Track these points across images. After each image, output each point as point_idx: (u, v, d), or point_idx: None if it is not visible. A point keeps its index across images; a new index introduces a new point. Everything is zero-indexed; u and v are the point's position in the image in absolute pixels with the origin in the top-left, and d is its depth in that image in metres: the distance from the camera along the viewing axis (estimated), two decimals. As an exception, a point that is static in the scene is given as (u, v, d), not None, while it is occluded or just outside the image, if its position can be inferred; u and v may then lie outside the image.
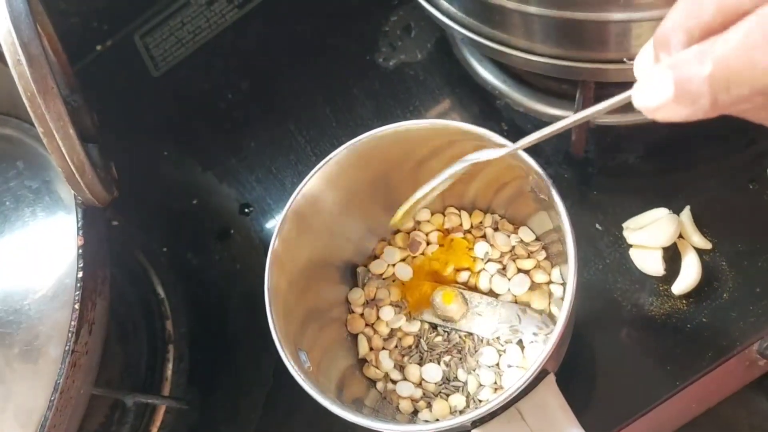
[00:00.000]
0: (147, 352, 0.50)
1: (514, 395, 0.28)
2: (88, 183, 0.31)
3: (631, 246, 0.42)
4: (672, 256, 0.42)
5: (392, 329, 0.38)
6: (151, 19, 0.63)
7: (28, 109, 0.28)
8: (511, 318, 0.36)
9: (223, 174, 0.55)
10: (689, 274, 0.41)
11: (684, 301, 0.41)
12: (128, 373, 0.49)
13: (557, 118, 0.47)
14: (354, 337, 0.39)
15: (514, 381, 0.34)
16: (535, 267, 0.37)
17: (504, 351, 0.36)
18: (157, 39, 0.62)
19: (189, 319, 0.51)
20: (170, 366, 0.49)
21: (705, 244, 0.42)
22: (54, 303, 0.41)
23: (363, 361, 0.38)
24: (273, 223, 0.52)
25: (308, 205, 0.35)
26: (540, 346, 0.35)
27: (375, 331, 0.39)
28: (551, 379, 0.28)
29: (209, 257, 0.53)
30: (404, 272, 0.39)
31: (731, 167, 0.44)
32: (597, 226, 0.44)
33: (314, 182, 0.35)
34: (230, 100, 0.57)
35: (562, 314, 0.27)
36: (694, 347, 0.40)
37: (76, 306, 0.32)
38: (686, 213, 0.42)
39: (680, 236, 0.42)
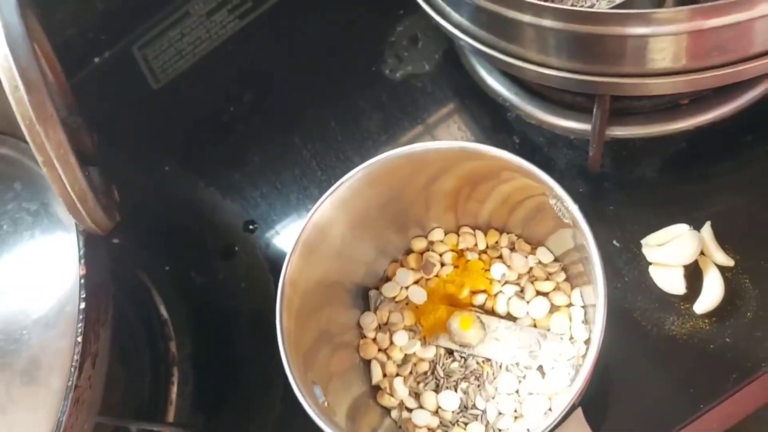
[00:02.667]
0: (150, 375, 0.49)
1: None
2: (89, 211, 0.29)
3: (650, 263, 0.41)
4: (693, 274, 0.40)
5: (406, 355, 0.37)
6: (150, 30, 0.62)
7: (27, 137, 0.27)
8: (530, 343, 0.35)
9: (227, 189, 0.53)
10: (712, 293, 0.40)
11: (706, 321, 0.40)
12: (131, 397, 0.48)
13: (571, 131, 0.45)
14: (367, 363, 0.38)
15: (535, 408, 0.33)
16: (554, 289, 0.36)
17: (524, 377, 0.35)
18: (157, 50, 0.61)
19: (193, 341, 0.50)
20: (174, 389, 0.48)
21: (727, 261, 0.40)
22: (55, 331, 0.39)
23: (377, 389, 0.37)
24: (278, 240, 0.51)
25: (319, 231, 0.34)
26: (561, 371, 0.34)
27: (388, 357, 0.37)
28: (579, 413, 0.27)
29: (214, 276, 0.51)
30: (418, 295, 0.38)
31: (751, 179, 0.42)
32: (614, 242, 0.42)
33: (325, 207, 0.34)
34: (232, 112, 0.56)
35: (591, 348, 0.26)
36: (718, 369, 0.39)
37: (79, 339, 0.31)
38: (707, 229, 0.41)
39: (701, 253, 0.41)
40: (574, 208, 0.29)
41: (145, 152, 0.57)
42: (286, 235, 0.51)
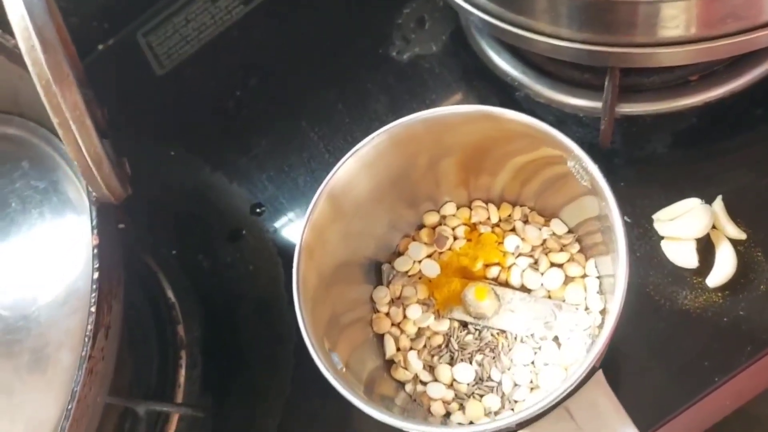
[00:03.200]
0: (158, 358, 0.48)
1: (563, 395, 0.26)
2: (104, 177, 0.29)
3: (662, 238, 0.41)
4: (705, 247, 0.40)
5: (420, 328, 0.37)
6: (154, 16, 0.62)
7: (43, 98, 0.27)
8: (545, 314, 0.35)
9: (233, 174, 0.53)
10: (724, 266, 0.39)
11: (719, 294, 0.40)
12: (139, 380, 0.47)
13: (580, 109, 0.45)
14: (380, 337, 0.37)
15: (551, 379, 0.33)
16: (568, 260, 0.36)
17: (539, 348, 0.35)
18: (161, 37, 0.60)
19: (201, 324, 0.49)
20: (183, 372, 0.48)
21: (739, 234, 0.40)
22: (65, 308, 0.39)
23: (390, 363, 0.37)
24: (286, 222, 0.51)
25: (335, 198, 0.33)
26: (577, 341, 0.34)
27: (402, 331, 0.37)
28: (600, 375, 0.27)
29: (221, 259, 0.51)
30: (431, 269, 0.37)
31: (762, 153, 0.42)
32: (626, 218, 0.42)
33: (336, 179, 0.33)
34: (239, 97, 0.55)
35: (614, 306, 0.26)
36: (732, 341, 0.39)
37: (93, 309, 0.31)
38: (718, 202, 0.41)
39: (713, 227, 0.41)
40: (593, 168, 0.29)
41: (151, 138, 0.56)
42: (294, 218, 0.51)
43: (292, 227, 0.51)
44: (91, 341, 0.31)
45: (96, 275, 0.31)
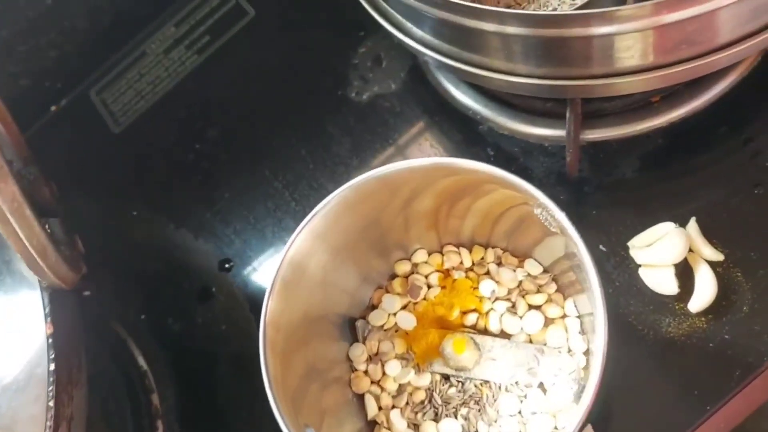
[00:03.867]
0: (134, 430, 0.46)
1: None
2: (51, 265, 0.28)
3: (639, 266, 0.40)
4: (684, 272, 0.39)
5: (401, 385, 0.36)
6: (107, 73, 0.60)
7: (-23, 193, 0.25)
8: (528, 359, 0.34)
9: (198, 230, 0.51)
10: (705, 290, 0.39)
11: (703, 319, 0.39)
12: (116, 456, 0.45)
13: (545, 138, 0.45)
14: (360, 397, 0.36)
15: (540, 428, 0.32)
16: (546, 301, 0.35)
17: (525, 396, 0.34)
18: (115, 93, 0.59)
19: (176, 390, 0.48)
20: (161, 444, 0.46)
21: (717, 255, 0.39)
22: (26, 395, 0.37)
23: (373, 424, 0.35)
24: (256, 276, 0.49)
25: (297, 266, 0.32)
26: (563, 386, 0.33)
27: (382, 389, 0.36)
28: (590, 430, 0.26)
29: (192, 320, 0.49)
30: (407, 321, 0.36)
31: (731, 170, 0.42)
32: (601, 247, 0.41)
33: (301, 240, 0.32)
34: (198, 150, 0.54)
35: (596, 360, 0.25)
36: (720, 367, 0.38)
37: (51, 403, 0.29)
38: (693, 225, 0.40)
39: (690, 250, 0.40)
40: (560, 216, 0.28)
41: (111, 198, 0.55)
42: (263, 271, 0.49)
43: (263, 280, 0.49)
44: (52, 438, 0.29)
45: (52, 366, 0.30)
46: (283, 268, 0.31)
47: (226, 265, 0.50)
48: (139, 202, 0.54)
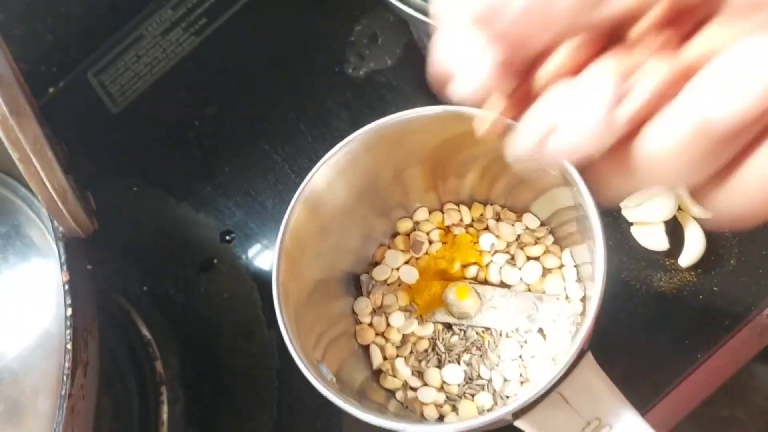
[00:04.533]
0: (138, 398, 0.47)
1: (555, 380, 0.26)
2: (70, 209, 0.29)
3: (632, 224, 0.42)
4: (674, 229, 0.41)
5: (405, 335, 0.37)
6: (104, 56, 0.61)
7: (1, 134, 0.26)
8: (527, 307, 0.35)
9: (199, 203, 0.52)
10: (694, 245, 0.40)
11: (693, 273, 0.41)
12: (120, 422, 0.46)
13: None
14: (365, 348, 0.37)
15: (540, 371, 0.33)
16: (544, 253, 0.36)
17: (525, 342, 0.35)
18: (113, 75, 0.60)
19: (180, 358, 0.48)
20: (165, 409, 0.46)
21: (705, 213, 0.41)
22: (38, 353, 0.38)
23: (379, 373, 0.36)
24: (258, 247, 0.50)
25: (299, 233, 0.33)
26: (562, 330, 0.34)
27: (387, 340, 0.37)
28: (590, 358, 0.27)
29: (194, 291, 0.50)
30: (410, 275, 0.37)
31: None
32: (594, 208, 0.43)
33: (299, 208, 0.33)
34: (198, 127, 0.55)
35: (597, 284, 0.26)
36: (710, 317, 0.39)
37: (69, 346, 0.30)
38: (681, 184, 0.42)
39: (679, 208, 0.41)
40: (567, 164, 0.29)
41: (111, 176, 0.55)
42: (265, 242, 0.50)
43: (264, 251, 0.50)
44: (70, 379, 0.30)
45: (69, 312, 0.30)
46: (287, 234, 0.32)
47: (227, 237, 0.51)
48: (140, 178, 0.55)
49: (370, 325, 0.37)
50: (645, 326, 0.40)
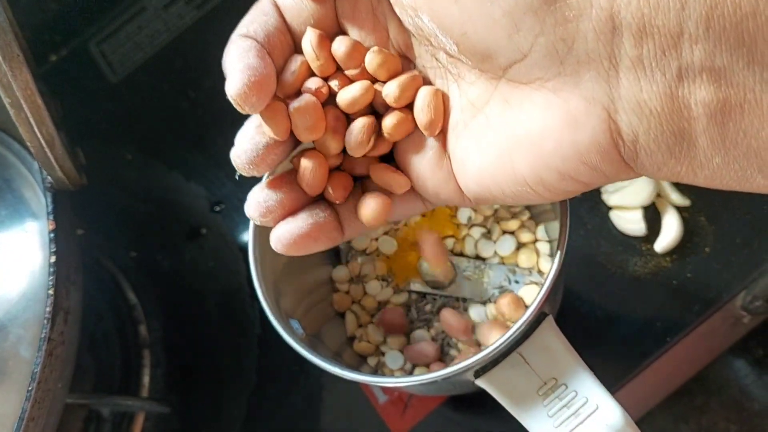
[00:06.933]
0: (120, 360, 0.48)
1: (514, 338, 0.27)
2: (58, 158, 0.29)
3: (611, 209, 0.43)
4: (652, 216, 0.42)
5: (380, 302, 0.37)
6: (107, 26, 0.62)
7: (-8, 77, 0.27)
8: (500, 279, 0.36)
9: (191, 173, 0.53)
10: (670, 232, 0.41)
11: (667, 259, 0.41)
12: (102, 383, 0.47)
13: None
14: (341, 315, 0.38)
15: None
16: (519, 227, 0.37)
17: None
18: (114, 45, 0.61)
19: (164, 323, 0.49)
20: (147, 371, 0.47)
21: (683, 201, 0.42)
22: (21, 303, 0.38)
23: (353, 339, 0.37)
24: (246, 219, 0.51)
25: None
26: (532, 295, 0.35)
27: (363, 308, 0.37)
28: (551, 320, 0.28)
29: (181, 258, 0.51)
30: (388, 245, 0.38)
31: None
32: (575, 192, 0.43)
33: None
34: (193, 98, 0.56)
35: (560, 245, 0.27)
36: (681, 302, 0.40)
37: (50, 291, 0.31)
38: (661, 172, 0.42)
39: (658, 195, 0.42)
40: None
41: (106, 143, 0.56)
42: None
43: (251, 223, 0.51)
44: (50, 323, 0.31)
45: (53, 258, 0.31)
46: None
47: (216, 208, 0.52)
48: (134, 146, 0.56)
49: (347, 293, 0.38)
50: (617, 309, 0.41)
